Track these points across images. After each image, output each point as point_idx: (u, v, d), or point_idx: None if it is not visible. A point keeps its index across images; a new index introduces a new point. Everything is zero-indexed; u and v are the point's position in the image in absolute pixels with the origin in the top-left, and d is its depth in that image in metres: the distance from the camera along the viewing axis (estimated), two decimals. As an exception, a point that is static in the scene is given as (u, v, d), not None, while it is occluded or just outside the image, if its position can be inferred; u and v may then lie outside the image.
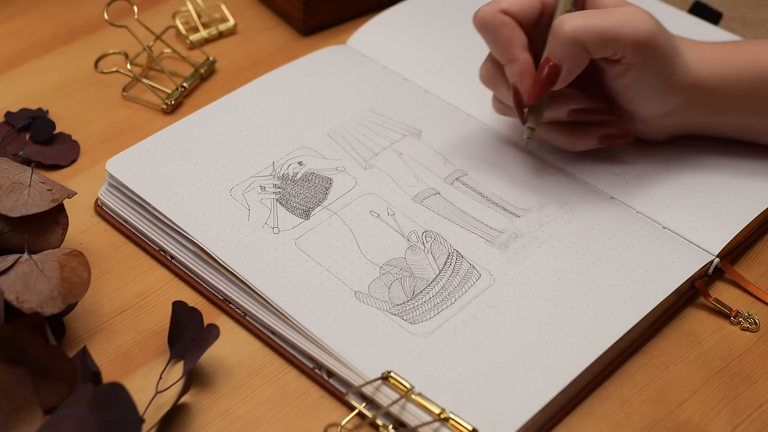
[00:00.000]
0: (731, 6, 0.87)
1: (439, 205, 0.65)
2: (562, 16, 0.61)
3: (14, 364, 0.52)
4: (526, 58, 0.63)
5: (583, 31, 0.60)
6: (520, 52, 0.63)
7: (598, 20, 0.60)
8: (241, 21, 0.84)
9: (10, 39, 0.81)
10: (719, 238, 0.63)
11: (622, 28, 0.60)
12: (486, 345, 0.57)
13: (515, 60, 0.63)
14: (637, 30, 0.60)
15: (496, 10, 0.62)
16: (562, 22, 0.60)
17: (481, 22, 0.63)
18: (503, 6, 0.62)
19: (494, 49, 0.64)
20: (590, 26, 0.60)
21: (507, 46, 0.63)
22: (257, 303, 0.60)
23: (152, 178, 0.65)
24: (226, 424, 0.56)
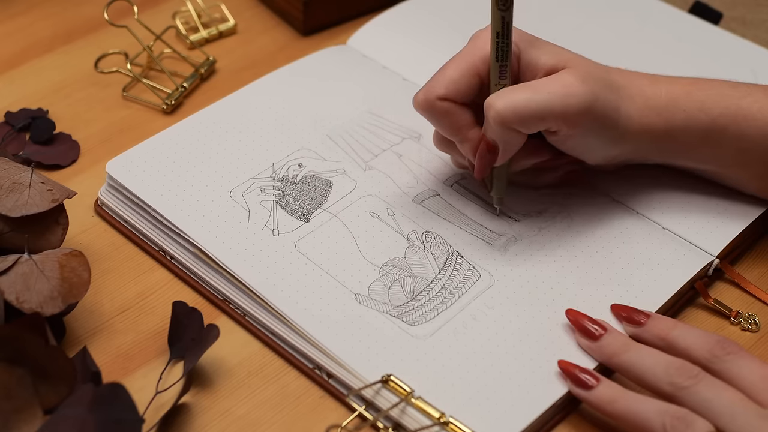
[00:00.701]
0: (731, 6, 0.87)
1: (439, 206, 0.65)
2: (490, 98, 0.58)
3: (14, 364, 0.52)
4: (474, 135, 0.60)
5: (511, 114, 0.57)
6: (468, 131, 0.61)
7: (525, 100, 0.57)
8: (241, 21, 0.84)
9: (10, 39, 0.81)
10: (719, 239, 0.64)
11: (551, 105, 0.58)
12: (486, 348, 0.57)
13: (465, 140, 0.61)
14: (569, 105, 0.58)
15: (433, 98, 0.60)
16: (491, 104, 0.58)
17: (420, 109, 0.61)
18: (438, 93, 0.60)
19: (441, 132, 0.62)
20: (517, 108, 0.57)
21: (454, 131, 0.61)
22: (257, 305, 0.60)
23: (152, 180, 0.65)
24: (226, 424, 0.56)
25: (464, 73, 0.60)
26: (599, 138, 0.61)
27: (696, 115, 0.61)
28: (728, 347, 0.54)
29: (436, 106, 0.60)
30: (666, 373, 0.53)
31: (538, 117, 0.58)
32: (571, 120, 0.58)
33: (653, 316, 0.58)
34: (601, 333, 0.57)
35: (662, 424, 0.51)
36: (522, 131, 0.59)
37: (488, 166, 0.61)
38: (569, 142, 0.61)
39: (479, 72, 0.60)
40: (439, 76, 0.60)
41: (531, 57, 0.60)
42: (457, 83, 0.60)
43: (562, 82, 0.58)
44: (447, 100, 0.60)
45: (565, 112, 0.58)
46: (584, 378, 0.55)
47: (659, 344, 0.57)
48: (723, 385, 0.53)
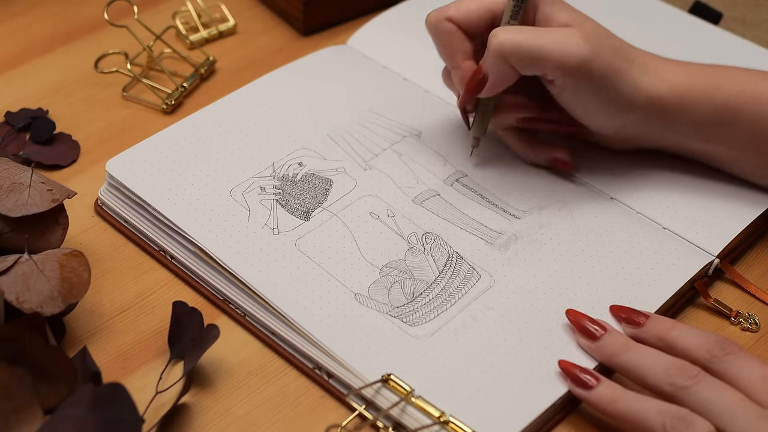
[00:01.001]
0: (731, 6, 0.87)
1: (439, 206, 0.65)
2: (497, 29, 0.61)
3: (14, 364, 0.52)
4: (467, 66, 0.63)
5: (510, 48, 0.60)
6: (462, 60, 0.63)
7: (528, 39, 0.60)
8: (241, 21, 0.84)
9: (10, 39, 0.81)
10: (719, 239, 0.64)
11: (550, 50, 0.59)
12: (486, 348, 0.57)
13: (457, 67, 0.63)
14: (567, 54, 0.59)
15: (442, 17, 0.63)
16: (495, 35, 0.60)
17: (428, 26, 0.64)
18: (448, 14, 0.62)
19: (440, 54, 0.64)
20: (519, 44, 0.59)
21: (449, 53, 0.63)
22: (257, 304, 0.60)
23: (152, 179, 0.65)
24: (226, 424, 0.56)
25: (480, 5, 0.62)
26: (597, 98, 0.61)
27: (711, 92, 0.62)
28: (727, 347, 0.54)
29: (442, 25, 0.62)
30: (666, 374, 0.53)
31: (535, 57, 0.60)
32: (567, 70, 0.60)
33: (652, 317, 0.58)
34: (601, 333, 0.57)
35: (662, 424, 0.51)
36: (517, 68, 0.60)
37: (473, 95, 0.63)
38: (566, 95, 0.62)
39: (494, 10, 0.62)
40: (456, 1, 0.63)
41: (549, 11, 0.62)
42: (470, 12, 0.62)
43: (567, 32, 0.60)
44: (454, 23, 0.62)
45: (562, 60, 0.60)
46: (584, 378, 0.55)
47: (658, 344, 0.57)
48: (723, 385, 0.53)
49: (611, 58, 0.61)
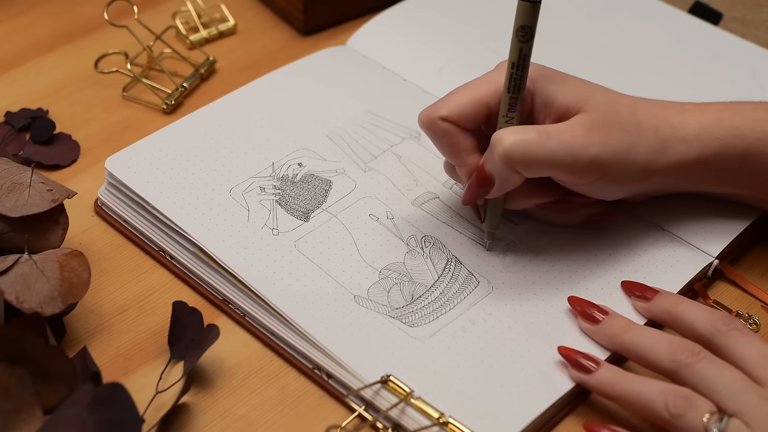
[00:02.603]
0: (731, 6, 0.87)
1: (438, 209, 0.65)
2: (499, 133, 0.57)
3: (14, 364, 0.52)
4: (472, 161, 0.59)
5: (519, 155, 0.56)
6: (466, 156, 0.60)
7: (535, 144, 0.56)
8: (241, 21, 0.84)
9: (10, 39, 0.81)
10: (719, 240, 0.64)
11: (559, 156, 0.56)
12: (485, 351, 0.57)
13: (462, 165, 0.60)
14: (576, 157, 0.56)
15: (436, 118, 0.59)
16: (498, 141, 0.56)
17: (422, 126, 0.60)
18: (442, 114, 0.59)
19: (441, 152, 0.61)
20: (527, 150, 0.56)
21: (451, 152, 0.60)
22: (257, 304, 0.60)
23: (151, 177, 0.65)
24: (226, 425, 0.56)
25: (473, 100, 0.59)
26: (613, 183, 0.59)
27: (730, 141, 0.60)
28: (732, 323, 0.55)
29: (438, 126, 0.59)
30: (668, 351, 0.54)
31: (545, 165, 0.57)
32: (579, 172, 0.57)
33: (661, 292, 0.59)
34: (602, 317, 0.57)
35: (665, 404, 0.52)
36: (524, 174, 0.58)
37: (479, 196, 0.60)
38: (580, 189, 0.60)
39: (488, 102, 0.59)
40: (447, 98, 0.60)
41: (548, 93, 0.59)
42: (463, 108, 0.59)
43: (572, 130, 0.57)
44: (449, 122, 0.59)
45: (572, 164, 0.57)
46: (585, 363, 0.55)
47: (666, 318, 0.57)
48: (724, 364, 0.53)
49: (620, 140, 0.58)
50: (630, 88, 0.63)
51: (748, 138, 0.60)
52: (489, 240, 0.63)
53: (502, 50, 0.73)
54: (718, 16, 0.81)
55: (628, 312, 0.59)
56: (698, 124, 0.60)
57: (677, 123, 0.60)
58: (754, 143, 0.60)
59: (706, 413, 0.51)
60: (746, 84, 0.74)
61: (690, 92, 0.71)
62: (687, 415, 0.52)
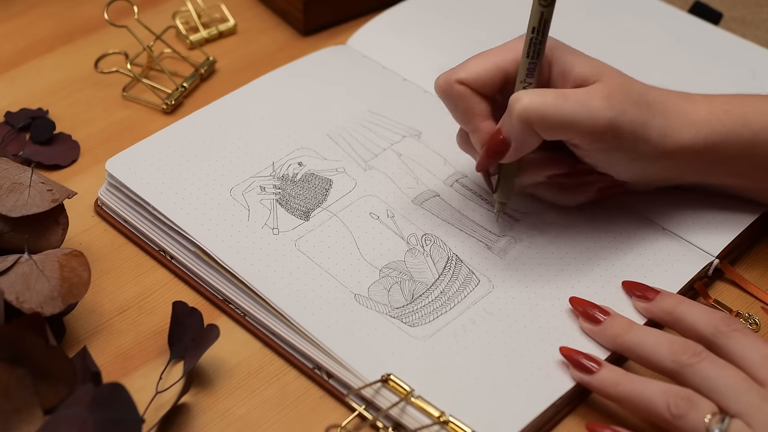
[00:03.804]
0: (731, 6, 0.87)
1: (439, 207, 0.65)
2: (518, 93, 0.57)
3: (14, 364, 0.52)
4: (486, 127, 0.60)
5: (536, 116, 0.56)
6: (480, 121, 0.60)
7: (552, 106, 0.56)
8: (241, 21, 0.84)
9: (10, 39, 0.81)
10: (719, 240, 0.64)
11: (576, 117, 0.57)
12: (486, 350, 0.57)
13: (476, 130, 0.60)
14: (593, 119, 0.57)
15: (453, 81, 0.59)
16: (517, 100, 0.57)
17: (439, 91, 0.60)
18: (459, 76, 0.59)
19: (455, 118, 0.61)
20: (545, 112, 0.56)
21: (466, 117, 0.60)
22: (257, 304, 0.60)
23: (152, 178, 0.65)
24: (226, 425, 0.56)
25: (491, 65, 0.59)
26: (626, 154, 0.59)
27: (738, 130, 0.60)
28: (733, 324, 0.55)
29: (454, 89, 0.59)
30: (670, 351, 0.54)
31: (562, 125, 0.57)
32: (595, 136, 0.58)
33: (662, 293, 0.59)
34: (604, 318, 0.57)
35: (666, 405, 0.52)
36: (541, 134, 0.58)
37: (494, 161, 0.60)
38: (593, 156, 0.60)
39: (506, 69, 0.59)
40: (464, 63, 0.60)
41: (565, 63, 0.59)
42: (480, 72, 0.59)
43: (590, 95, 0.57)
44: (465, 85, 0.59)
45: (590, 127, 0.57)
46: (586, 363, 0.55)
47: (667, 318, 0.57)
48: (726, 365, 0.53)
49: (636, 113, 0.58)
50: (630, 88, 0.63)
51: (756, 127, 0.60)
52: (500, 211, 0.63)
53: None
54: (718, 16, 0.81)
55: (628, 312, 0.59)
56: (707, 112, 0.60)
57: (687, 110, 0.60)
58: (760, 132, 0.60)
59: (708, 414, 0.51)
60: (746, 84, 0.74)
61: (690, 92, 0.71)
62: (688, 416, 0.52)
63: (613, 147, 0.59)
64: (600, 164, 0.61)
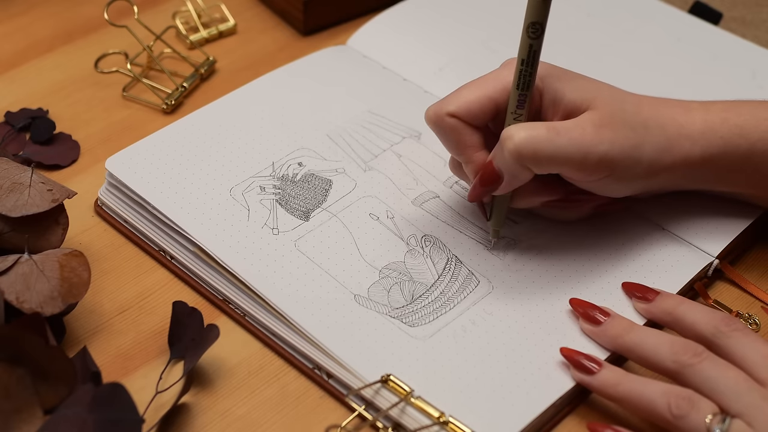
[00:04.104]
0: (731, 6, 0.87)
1: (439, 209, 0.65)
2: (509, 129, 0.57)
3: (14, 364, 0.52)
4: (479, 158, 0.59)
5: (530, 151, 0.56)
6: (473, 153, 0.59)
7: (546, 141, 0.56)
8: (241, 21, 0.84)
9: (10, 39, 0.81)
10: (719, 240, 0.63)
11: (568, 153, 0.56)
12: (485, 351, 0.57)
13: (469, 162, 0.60)
14: (586, 153, 0.56)
15: (443, 114, 0.59)
16: (509, 137, 0.56)
17: (430, 123, 0.60)
18: (449, 110, 0.59)
19: (447, 149, 0.61)
20: (537, 147, 0.56)
21: (458, 148, 0.60)
22: (257, 304, 0.60)
23: (152, 177, 0.65)
24: (226, 425, 0.56)
25: (481, 96, 0.59)
26: (621, 180, 0.59)
27: (734, 140, 0.59)
28: (733, 324, 0.55)
29: (445, 122, 0.59)
30: (671, 351, 0.54)
31: (555, 161, 0.57)
32: (588, 169, 0.57)
33: (662, 293, 0.59)
34: (604, 318, 0.57)
35: (667, 405, 0.52)
36: (534, 170, 0.57)
37: (486, 193, 0.60)
38: (588, 185, 0.60)
39: (496, 99, 0.59)
40: (454, 94, 0.60)
41: (556, 90, 0.59)
42: (470, 104, 0.59)
43: (582, 127, 0.57)
44: (456, 118, 0.59)
45: (582, 161, 0.57)
46: (587, 364, 0.55)
47: (667, 319, 0.57)
48: (727, 365, 0.53)
49: (628, 138, 0.58)
50: (630, 88, 0.63)
51: (752, 137, 0.60)
52: (494, 238, 0.63)
53: (502, 50, 0.74)
54: (718, 16, 0.81)
55: (628, 312, 0.59)
56: (703, 123, 0.60)
57: (683, 121, 0.60)
58: (757, 142, 0.60)
59: (709, 414, 0.51)
60: (746, 84, 0.74)
61: (690, 92, 0.71)
62: (689, 416, 0.52)
63: (607, 176, 0.58)
64: (595, 190, 0.60)
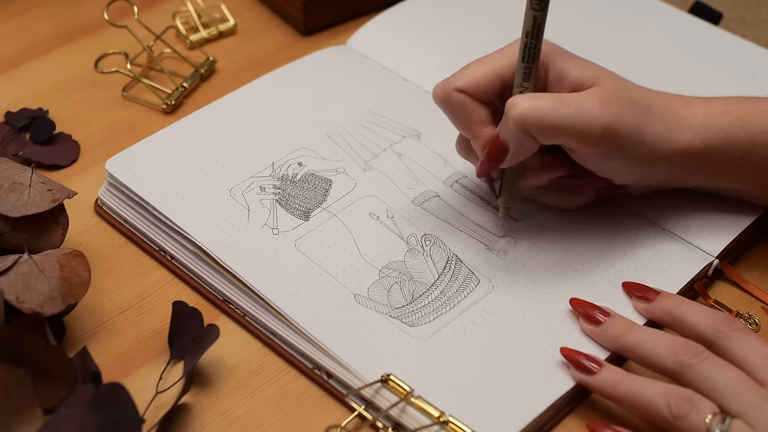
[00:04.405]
0: (731, 6, 0.87)
1: (439, 208, 0.65)
2: (514, 98, 0.57)
3: (14, 364, 0.52)
4: (487, 134, 0.59)
5: (532, 121, 0.56)
6: (480, 128, 0.60)
7: (548, 111, 0.56)
8: (241, 21, 0.84)
9: (10, 39, 0.81)
10: (719, 240, 0.64)
11: (572, 122, 0.56)
12: (485, 350, 0.57)
13: (477, 137, 0.60)
14: (589, 124, 0.57)
15: (450, 89, 0.59)
16: (513, 105, 0.57)
17: (437, 100, 0.60)
18: (457, 85, 0.59)
19: (455, 125, 0.61)
20: (541, 115, 0.56)
21: (466, 125, 0.60)
22: (257, 304, 0.60)
23: (152, 178, 0.65)
24: (226, 425, 0.56)
25: (487, 71, 0.59)
26: (623, 158, 0.59)
27: (735, 133, 0.60)
28: (733, 324, 0.55)
29: (452, 98, 0.59)
30: (671, 351, 0.54)
31: (559, 130, 0.57)
32: (592, 141, 0.58)
33: (662, 293, 0.59)
34: (604, 318, 0.57)
35: (667, 405, 0.52)
36: (538, 139, 0.58)
37: (494, 166, 0.60)
38: (591, 161, 0.60)
39: (503, 74, 0.59)
40: (461, 71, 0.60)
41: (561, 68, 0.59)
42: (478, 80, 0.59)
43: (586, 100, 0.57)
44: (464, 93, 0.59)
45: (586, 132, 0.57)
46: (587, 364, 0.55)
47: (667, 319, 0.58)
48: (727, 365, 0.53)
49: (632, 117, 0.58)
50: (630, 88, 0.63)
51: (754, 129, 0.60)
52: (504, 215, 0.63)
53: (502, 50, 0.73)
54: (718, 16, 0.81)
55: (628, 312, 0.60)
56: (704, 115, 0.60)
57: (684, 113, 0.60)
58: (758, 135, 0.60)
59: (709, 414, 0.51)
60: (746, 84, 0.74)
61: (690, 92, 0.70)
62: (689, 416, 0.52)
63: (610, 151, 0.59)
64: (598, 168, 0.61)
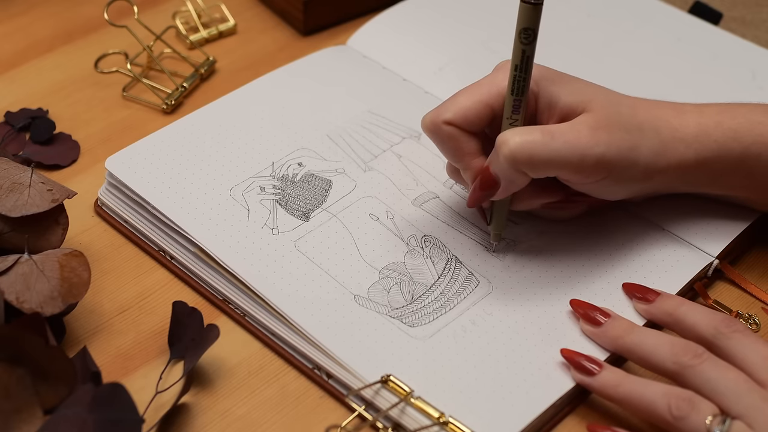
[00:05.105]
0: (731, 6, 0.87)
1: (438, 209, 0.65)
2: (505, 134, 0.57)
3: (14, 364, 0.52)
4: (477, 164, 0.59)
5: (525, 156, 0.56)
6: (471, 159, 0.59)
7: (541, 145, 0.56)
8: (241, 21, 0.84)
9: (10, 39, 0.81)
10: (719, 240, 0.64)
11: (564, 156, 0.56)
12: (485, 351, 0.57)
13: (467, 168, 0.60)
14: (582, 156, 0.56)
15: (440, 122, 0.59)
16: (505, 141, 0.56)
17: (426, 131, 0.60)
18: (446, 117, 0.59)
19: (445, 156, 0.61)
20: (533, 151, 0.56)
21: (456, 155, 0.59)
22: (257, 304, 0.60)
23: (152, 177, 0.65)
24: (226, 425, 0.56)
25: (476, 102, 0.59)
26: (617, 181, 0.59)
27: (728, 144, 0.60)
28: (734, 325, 0.55)
29: (442, 130, 0.59)
30: (671, 352, 0.54)
31: (551, 164, 0.57)
32: (586, 172, 0.57)
33: (662, 294, 0.59)
34: (604, 319, 0.57)
35: (667, 406, 0.52)
36: (530, 175, 0.57)
37: (484, 199, 0.60)
38: (584, 187, 0.60)
39: (492, 104, 0.59)
40: (450, 101, 0.60)
41: (551, 94, 0.59)
42: (467, 111, 0.59)
43: (577, 130, 0.57)
44: (453, 126, 0.59)
45: (579, 164, 0.57)
46: (587, 365, 0.55)
47: (667, 320, 0.58)
48: (727, 366, 0.53)
49: (624, 140, 0.58)
50: (630, 88, 0.63)
51: (746, 141, 0.60)
52: (495, 241, 0.63)
53: (502, 50, 0.74)
54: (718, 16, 0.82)
55: (628, 313, 0.60)
56: (697, 126, 0.60)
57: (677, 124, 0.60)
58: (751, 146, 0.60)
59: (709, 415, 0.51)
60: (746, 84, 0.74)
61: (690, 92, 0.71)
62: (690, 417, 0.52)
63: (604, 178, 0.58)
64: (591, 191, 0.60)
